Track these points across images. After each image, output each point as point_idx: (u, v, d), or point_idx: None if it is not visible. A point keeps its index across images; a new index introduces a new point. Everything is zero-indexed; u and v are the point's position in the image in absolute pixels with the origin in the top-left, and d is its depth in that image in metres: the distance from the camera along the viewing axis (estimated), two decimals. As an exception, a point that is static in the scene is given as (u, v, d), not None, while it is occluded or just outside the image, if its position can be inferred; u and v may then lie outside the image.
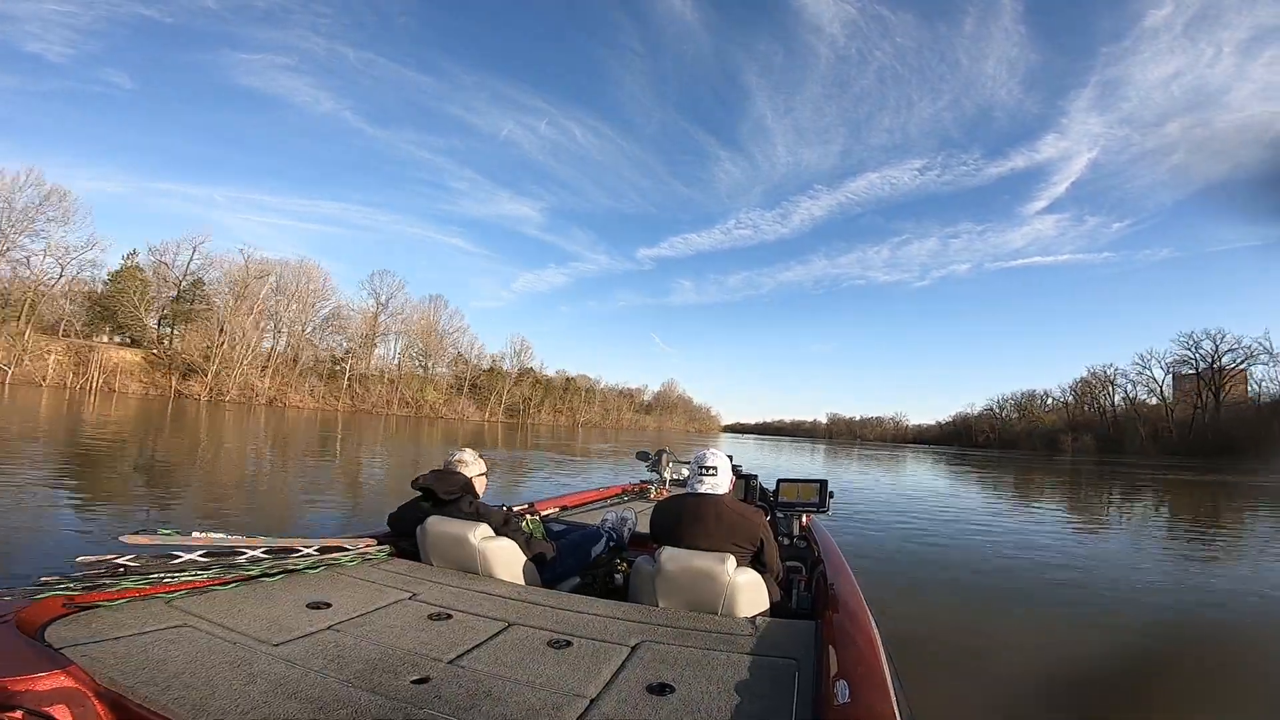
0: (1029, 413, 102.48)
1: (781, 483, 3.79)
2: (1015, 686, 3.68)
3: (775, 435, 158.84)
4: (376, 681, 1.41)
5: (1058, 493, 19.60)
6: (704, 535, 2.32)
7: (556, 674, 1.52)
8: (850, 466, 28.12)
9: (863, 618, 2.05)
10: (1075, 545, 9.28)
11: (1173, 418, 75.92)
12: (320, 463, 13.79)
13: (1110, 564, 7.82)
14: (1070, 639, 4.57)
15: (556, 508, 4.48)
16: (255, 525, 6.26)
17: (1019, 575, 6.70)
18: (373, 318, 67.18)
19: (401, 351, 70.16)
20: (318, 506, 8.14)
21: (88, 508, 6.57)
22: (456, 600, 2.10)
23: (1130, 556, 8.59)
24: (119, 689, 1.27)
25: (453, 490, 2.71)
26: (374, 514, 6.13)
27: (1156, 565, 7.97)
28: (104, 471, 9.31)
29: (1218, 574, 7.64)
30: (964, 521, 10.87)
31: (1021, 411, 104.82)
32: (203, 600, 1.87)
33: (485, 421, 68.89)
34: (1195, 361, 75.17)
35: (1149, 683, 3.91)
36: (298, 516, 7.30)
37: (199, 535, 2.08)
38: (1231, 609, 5.82)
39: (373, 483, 11.36)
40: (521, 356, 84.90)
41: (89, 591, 1.72)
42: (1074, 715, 3.43)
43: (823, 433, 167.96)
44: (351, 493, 9.85)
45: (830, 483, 3.72)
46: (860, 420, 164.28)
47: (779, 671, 1.63)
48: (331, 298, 63.02)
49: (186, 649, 1.50)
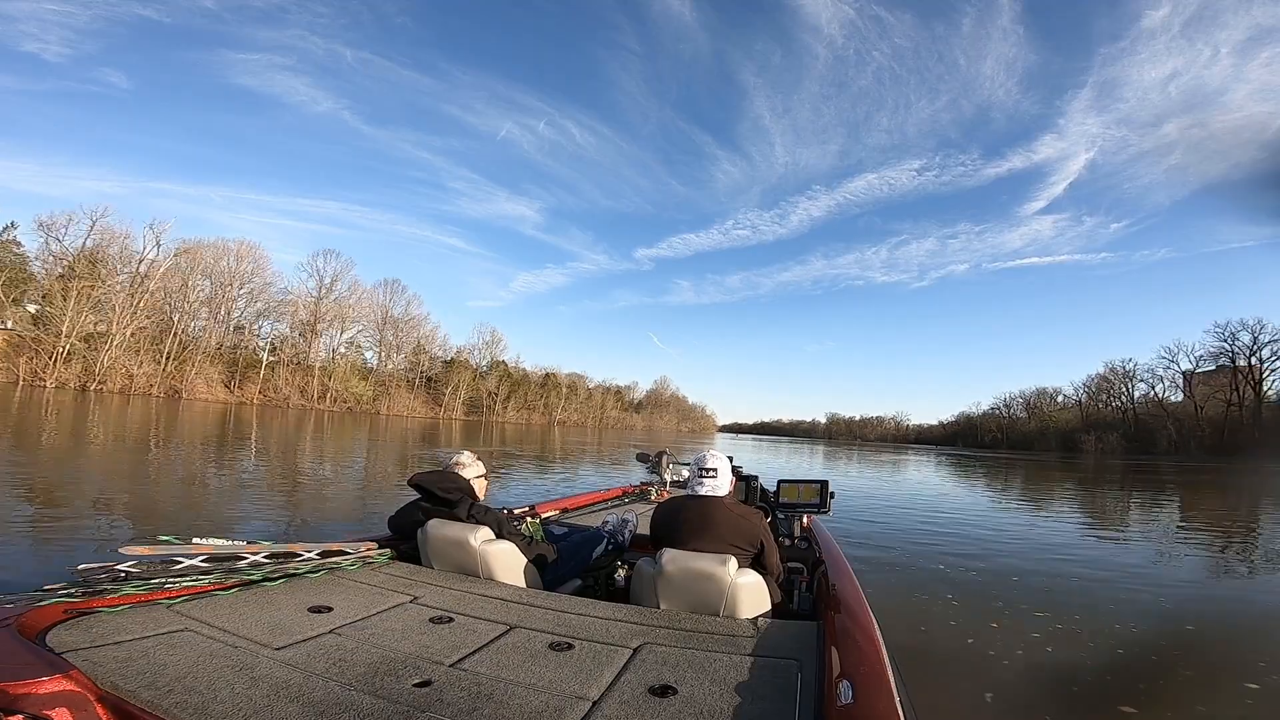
0: (1040, 411, 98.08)
1: (782, 484, 3.78)
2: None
3: (773, 435, 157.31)
4: (378, 685, 1.41)
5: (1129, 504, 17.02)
6: (705, 537, 2.32)
7: (558, 677, 1.52)
8: (854, 471, 25.78)
9: (865, 618, 2.05)
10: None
11: (1202, 415, 70.77)
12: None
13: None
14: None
15: (557, 510, 4.47)
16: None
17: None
18: (314, 303, 60.67)
19: (348, 340, 63.88)
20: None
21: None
22: (458, 603, 2.10)
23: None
24: (120, 693, 1.27)
25: (450, 490, 2.71)
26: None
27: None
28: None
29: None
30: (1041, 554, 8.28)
31: (1031, 410, 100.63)
32: (204, 605, 1.86)
33: (441, 419, 62.20)
34: (1231, 354, 70.60)
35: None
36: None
37: (199, 542, 2.08)
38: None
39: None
40: (493, 349, 79.89)
41: (90, 597, 1.72)
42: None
43: (822, 433, 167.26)
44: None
45: (831, 483, 3.72)
46: (860, 420, 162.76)
47: (781, 672, 1.63)
48: (272, 281, 57.14)
49: (188, 653, 1.50)
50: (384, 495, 9.77)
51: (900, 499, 14.41)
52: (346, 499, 9.28)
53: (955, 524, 10.44)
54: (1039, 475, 28.78)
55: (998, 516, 12.20)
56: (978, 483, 22.24)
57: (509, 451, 21.92)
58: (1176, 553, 9.07)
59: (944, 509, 12.76)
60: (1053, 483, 24.25)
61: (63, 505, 6.82)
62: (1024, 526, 11.04)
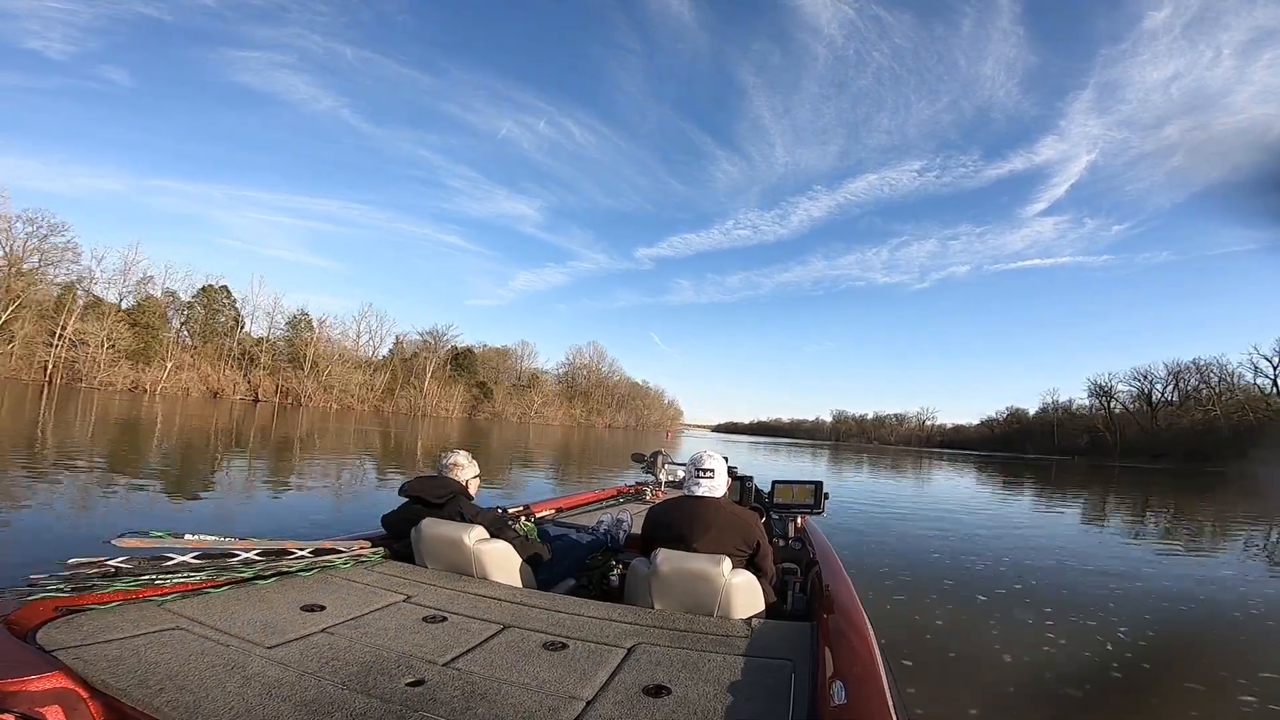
0: (1168, 412, 71.16)
1: (777, 484, 3.80)
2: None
3: (772, 436, 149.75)
4: (371, 684, 1.41)
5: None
6: (700, 537, 2.33)
7: (552, 676, 1.52)
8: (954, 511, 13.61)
9: (858, 619, 2.05)
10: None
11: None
12: None
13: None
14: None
15: (552, 510, 4.47)
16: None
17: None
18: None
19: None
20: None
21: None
22: (451, 603, 2.09)
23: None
24: (111, 691, 1.26)
25: (443, 495, 2.71)
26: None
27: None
28: None
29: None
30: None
31: (1157, 407, 73.17)
32: (196, 602, 1.85)
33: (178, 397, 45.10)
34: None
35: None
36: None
37: (191, 537, 2.06)
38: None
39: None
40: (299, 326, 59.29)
41: (80, 594, 1.71)
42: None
43: (827, 433, 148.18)
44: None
45: (824, 484, 3.73)
46: (874, 419, 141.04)
47: (775, 673, 1.64)
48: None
49: (179, 651, 1.49)
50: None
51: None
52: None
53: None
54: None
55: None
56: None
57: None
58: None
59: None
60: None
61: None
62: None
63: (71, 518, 6.11)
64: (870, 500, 14.19)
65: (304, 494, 9.11)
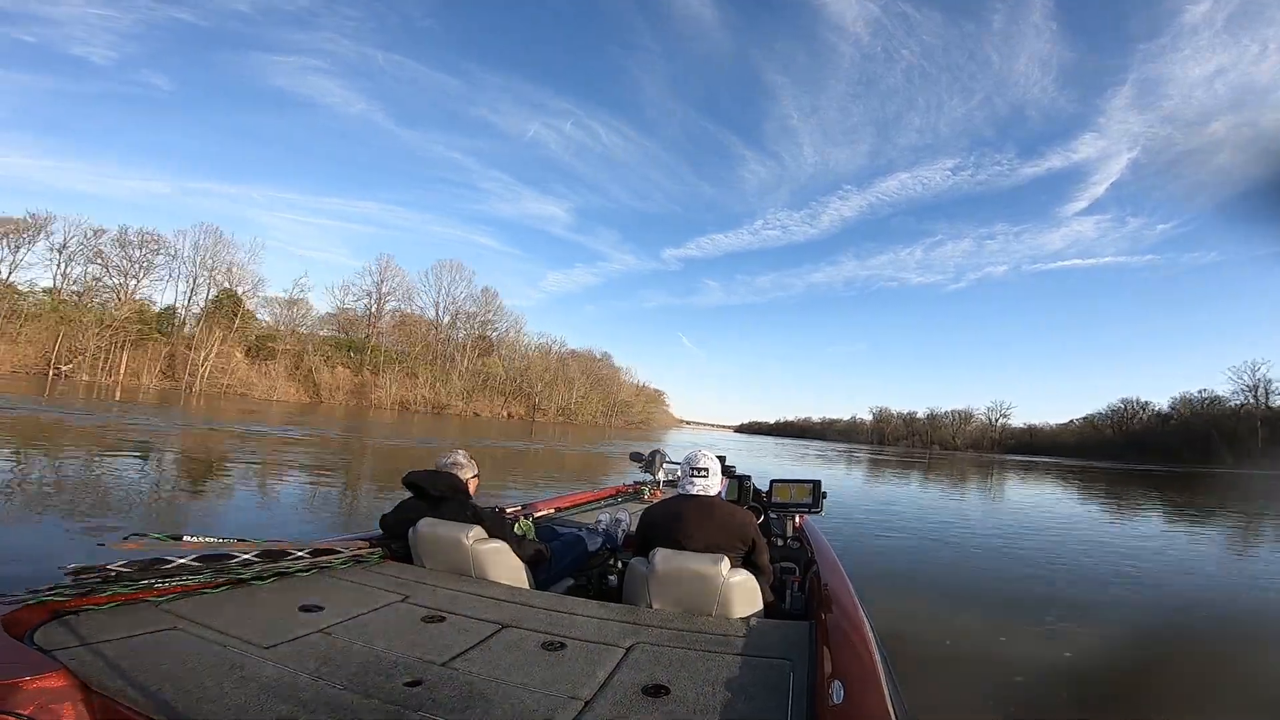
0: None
1: (775, 483, 3.80)
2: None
3: (800, 437, 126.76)
4: (369, 684, 1.41)
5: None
6: (697, 536, 2.33)
7: (551, 676, 1.52)
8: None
9: (857, 618, 2.06)
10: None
11: None
12: None
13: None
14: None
15: (550, 509, 4.47)
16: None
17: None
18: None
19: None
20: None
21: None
22: (449, 603, 2.09)
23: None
24: (109, 692, 1.26)
25: (443, 489, 2.71)
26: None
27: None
28: None
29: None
30: None
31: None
32: (193, 604, 1.85)
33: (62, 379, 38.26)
34: None
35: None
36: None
37: (190, 539, 2.06)
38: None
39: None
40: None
41: (79, 596, 1.70)
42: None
43: (868, 434, 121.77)
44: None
45: (823, 483, 3.72)
46: (927, 417, 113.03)
47: (774, 672, 1.64)
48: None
49: (177, 652, 1.49)
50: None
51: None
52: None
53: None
54: None
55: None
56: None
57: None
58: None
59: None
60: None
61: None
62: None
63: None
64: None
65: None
